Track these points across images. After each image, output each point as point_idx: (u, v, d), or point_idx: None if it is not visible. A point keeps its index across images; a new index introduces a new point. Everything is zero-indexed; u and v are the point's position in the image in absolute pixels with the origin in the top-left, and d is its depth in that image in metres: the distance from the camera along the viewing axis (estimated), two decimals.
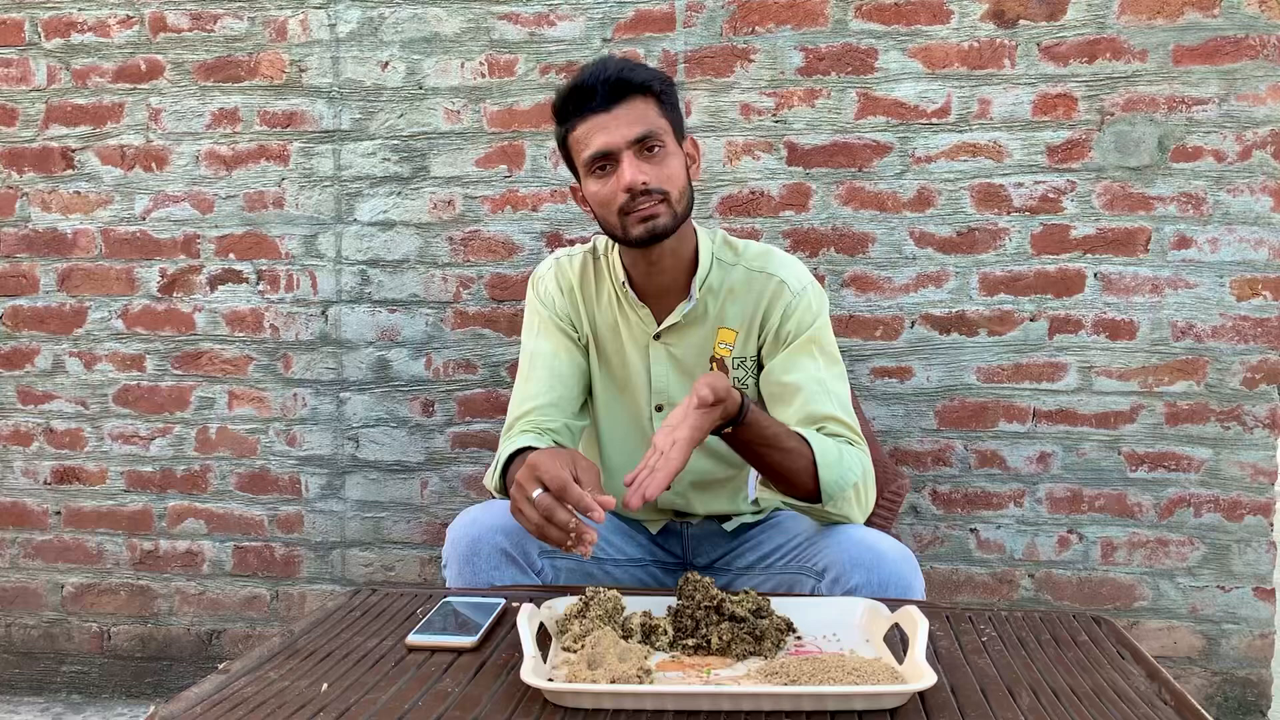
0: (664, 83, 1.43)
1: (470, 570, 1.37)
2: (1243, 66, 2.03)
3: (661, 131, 1.40)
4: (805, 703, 0.93)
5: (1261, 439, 2.10)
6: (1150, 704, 0.96)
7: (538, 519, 1.13)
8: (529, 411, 1.49)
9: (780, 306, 1.48)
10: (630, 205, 1.38)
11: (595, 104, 1.38)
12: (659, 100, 1.41)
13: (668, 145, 1.40)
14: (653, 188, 1.38)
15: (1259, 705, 2.13)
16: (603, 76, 1.38)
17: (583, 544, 1.12)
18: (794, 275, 1.52)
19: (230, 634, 2.38)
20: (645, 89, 1.40)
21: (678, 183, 1.41)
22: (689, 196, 1.45)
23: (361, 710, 0.94)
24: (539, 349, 1.54)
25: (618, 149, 1.38)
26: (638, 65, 1.43)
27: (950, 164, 2.11)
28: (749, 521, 1.60)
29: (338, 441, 2.31)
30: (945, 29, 2.09)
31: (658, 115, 1.40)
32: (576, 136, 1.41)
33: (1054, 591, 2.17)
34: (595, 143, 1.38)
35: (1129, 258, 2.10)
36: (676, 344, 1.52)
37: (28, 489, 2.40)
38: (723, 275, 1.51)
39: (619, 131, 1.37)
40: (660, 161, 1.39)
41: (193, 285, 2.32)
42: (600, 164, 1.39)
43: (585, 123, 1.39)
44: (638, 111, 1.38)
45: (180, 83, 2.28)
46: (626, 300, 1.52)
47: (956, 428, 2.16)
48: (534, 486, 1.14)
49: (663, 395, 1.53)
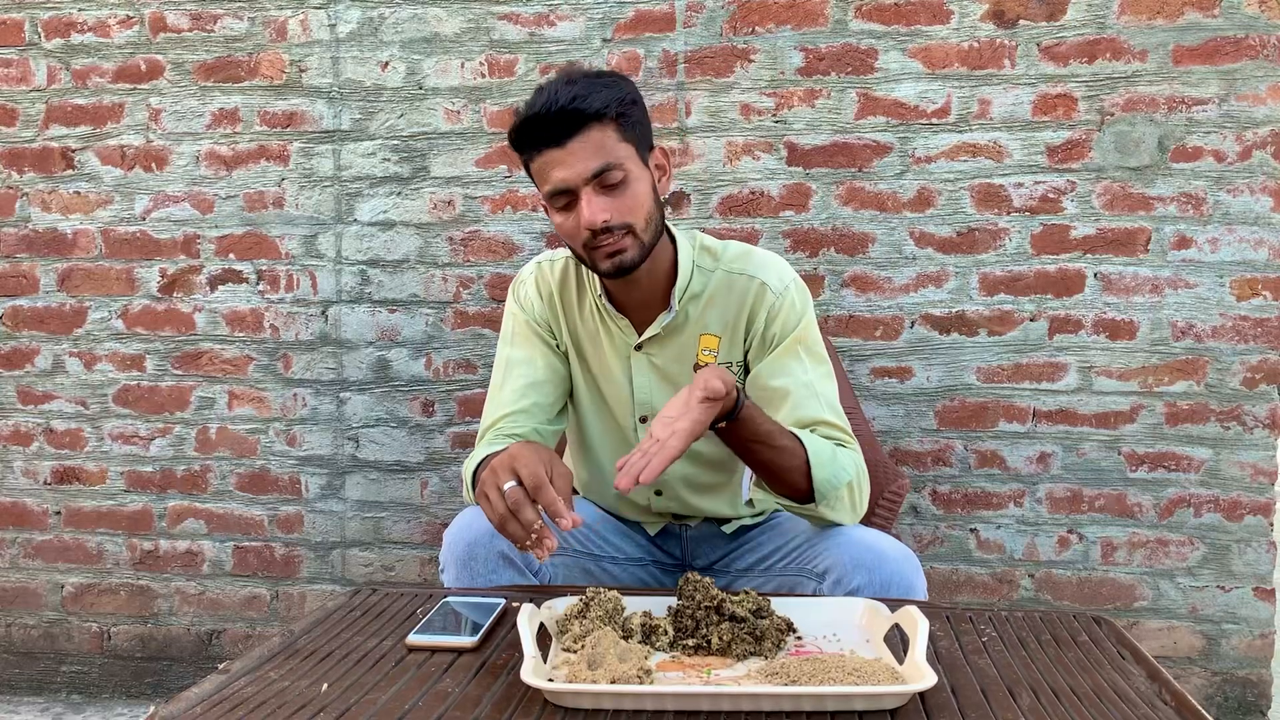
0: (623, 103, 1.34)
1: (468, 574, 1.36)
2: (1243, 66, 2.03)
3: (621, 160, 1.33)
4: (805, 703, 0.93)
5: (1261, 439, 2.10)
6: (1150, 704, 0.96)
7: (503, 510, 1.11)
8: (498, 420, 1.47)
9: (764, 309, 1.46)
10: (594, 242, 1.34)
11: (548, 138, 1.32)
12: (618, 123, 1.33)
13: (630, 172, 1.34)
14: (614, 224, 1.32)
15: (1259, 705, 2.13)
16: (554, 108, 1.30)
17: (541, 547, 1.10)
18: (775, 275, 1.48)
19: (230, 634, 2.38)
20: (600, 116, 1.31)
21: (642, 211, 1.35)
22: (657, 221, 1.39)
23: (361, 710, 0.94)
24: (513, 357, 1.52)
25: (575, 186, 1.32)
26: (593, 87, 1.33)
27: (950, 164, 2.11)
28: (748, 524, 1.60)
29: (338, 441, 2.31)
30: (945, 29, 2.09)
31: (617, 141, 1.33)
32: (535, 169, 1.37)
33: (1054, 591, 2.17)
34: (553, 179, 1.33)
35: (1129, 258, 2.10)
36: (658, 354, 1.49)
37: (28, 489, 2.40)
38: (703, 281, 1.48)
39: (575, 168, 1.31)
40: (622, 193, 1.33)
41: (193, 285, 2.32)
42: (561, 200, 1.34)
43: (541, 156, 1.33)
44: (594, 143, 1.31)
45: (180, 83, 2.28)
46: (606, 313, 1.49)
47: (956, 428, 2.16)
48: (508, 477, 1.12)
49: (646, 407, 1.51)
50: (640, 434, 1.52)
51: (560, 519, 1.10)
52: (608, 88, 1.34)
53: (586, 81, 1.34)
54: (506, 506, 1.11)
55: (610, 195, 1.33)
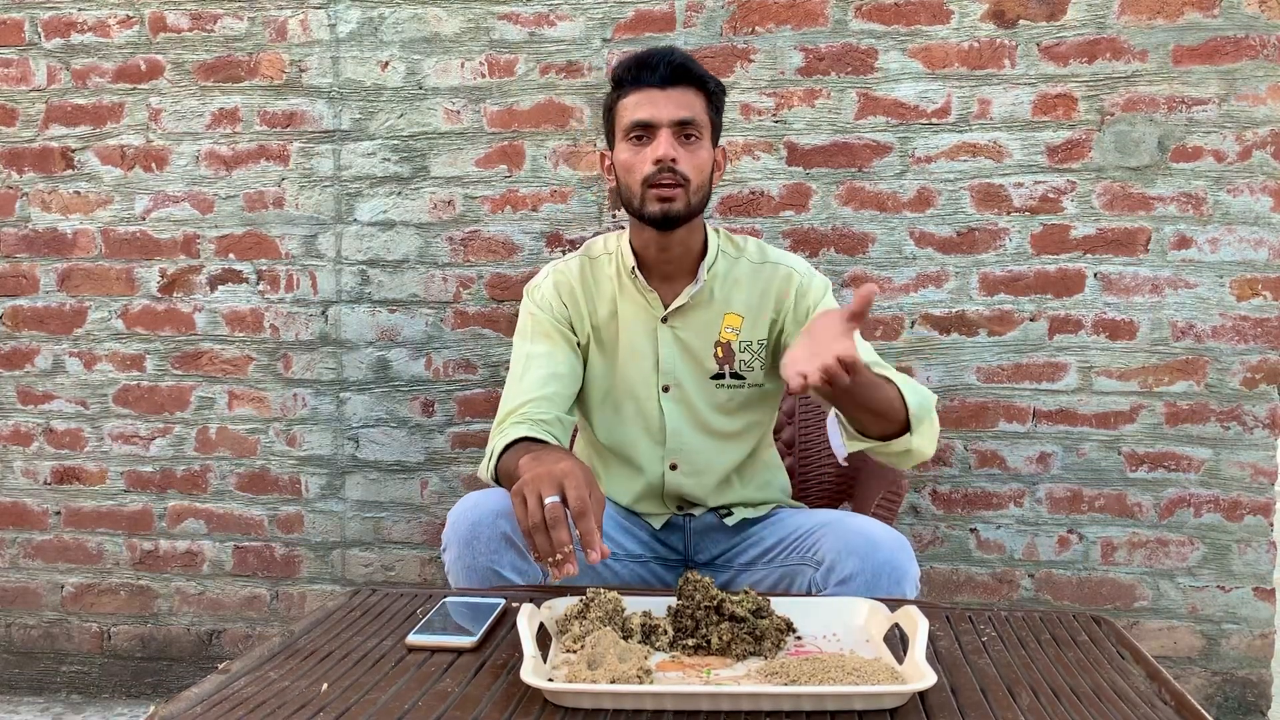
0: (719, 87, 1.52)
1: (470, 553, 1.36)
2: (1243, 66, 2.03)
3: (703, 125, 1.48)
4: (805, 703, 0.93)
5: (1261, 439, 2.10)
6: (1150, 704, 0.96)
7: (539, 520, 1.11)
8: (522, 405, 1.49)
9: (793, 289, 1.56)
10: (654, 178, 1.44)
11: (653, 79, 1.45)
12: (709, 99, 1.49)
13: (704, 139, 1.48)
14: (679, 169, 1.44)
15: (1259, 705, 2.13)
16: (668, 58, 1.46)
17: (561, 568, 1.10)
18: (797, 262, 1.60)
19: (230, 634, 2.38)
20: (701, 83, 1.48)
21: (701, 175, 1.48)
22: (706, 192, 1.51)
23: (361, 710, 0.94)
24: (534, 351, 1.56)
25: (660, 123, 1.45)
26: (701, 66, 1.50)
27: (950, 164, 2.11)
28: (750, 517, 1.61)
29: (338, 441, 2.31)
30: (945, 29, 2.09)
31: (704, 110, 1.48)
32: (625, 103, 1.48)
33: (1054, 591, 2.17)
34: (641, 111, 1.45)
35: (1129, 258, 2.10)
36: (683, 327, 1.56)
37: (28, 489, 2.40)
38: (728, 266, 1.57)
39: (666, 109, 1.45)
40: (694, 150, 1.46)
41: (193, 285, 2.32)
42: (639, 133, 1.46)
43: (639, 93, 1.46)
44: (689, 99, 1.46)
45: (180, 83, 2.28)
46: (635, 284, 1.56)
47: (956, 428, 2.16)
48: (553, 490, 1.12)
49: (670, 376, 1.57)
50: (664, 403, 1.57)
51: (591, 551, 1.10)
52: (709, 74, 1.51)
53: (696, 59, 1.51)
54: (543, 518, 1.11)
55: (685, 146, 1.46)
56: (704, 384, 1.57)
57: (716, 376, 1.57)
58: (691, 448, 1.58)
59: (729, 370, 1.57)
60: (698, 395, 1.57)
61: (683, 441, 1.58)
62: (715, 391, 1.57)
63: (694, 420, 1.58)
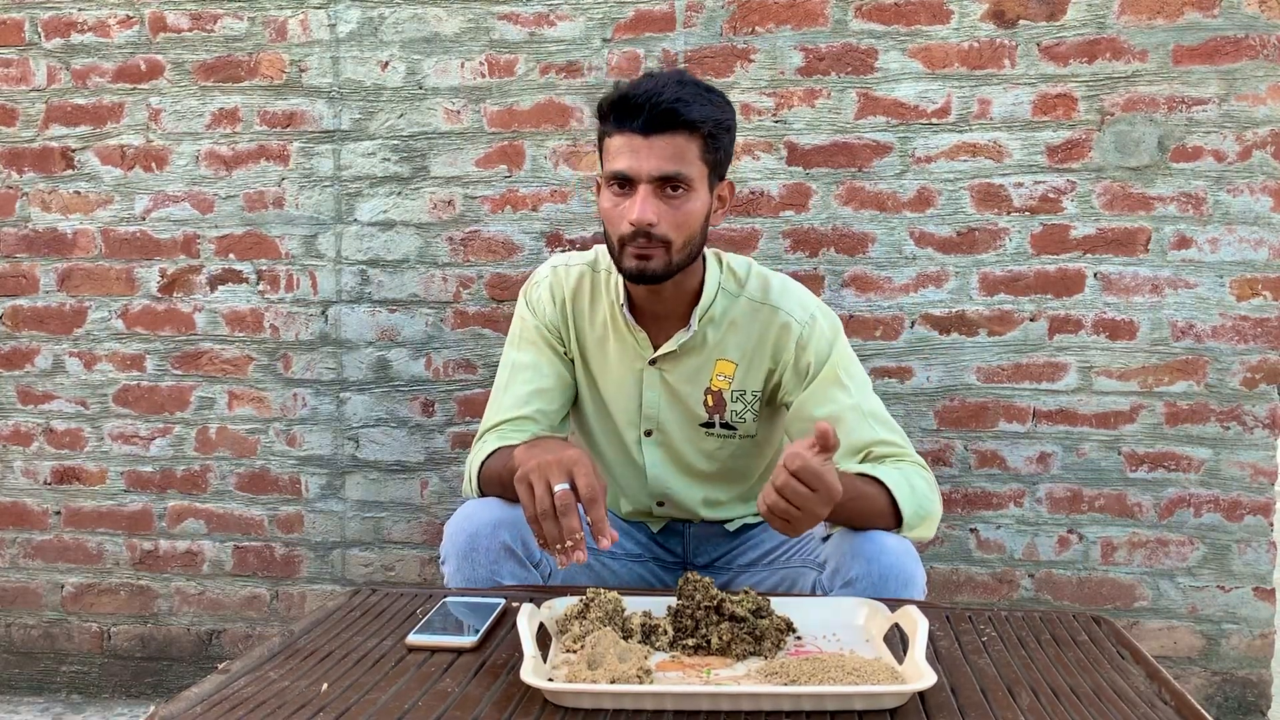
0: (718, 126, 1.36)
1: (470, 565, 1.35)
2: (1243, 66, 2.03)
3: (691, 176, 1.34)
4: (805, 703, 0.93)
5: (1261, 439, 2.10)
6: (1150, 704, 0.96)
7: (548, 508, 1.11)
8: (501, 423, 1.47)
9: (791, 341, 1.46)
10: (629, 239, 1.34)
11: (636, 124, 1.32)
12: (706, 142, 1.35)
13: (694, 190, 1.35)
14: (655, 234, 1.33)
15: (1259, 705, 2.13)
16: (654, 99, 1.31)
17: (570, 556, 1.11)
18: (797, 304, 1.48)
19: (230, 634, 2.38)
20: (693, 127, 1.33)
21: (687, 230, 1.36)
22: (696, 244, 1.39)
23: (361, 710, 0.94)
24: (520, 361, 1.51)
25: (639, 178, 1.33)
26: (700, 98, 1.34)
27: (950, 164, 2.11)
28: (751, 522, 1.60)
29: (338, 441, 2.31)
30: (945, 29, 2.09)
31: (697, 156, 1.34)
32: (609, 145, 1.37)
33: (1054, 591, 2.17)
34: (620, 162, 1.34)
35: (1129, 258, 2.10)
36: (671, 371, 1.49)
37: (28, 489, 2.40)
38: (726, 305, 1.47)
39: (648, 161, 1.32)
40: (678, 205, 1.34)
41: (193, 285, 2.32)
42: (619, 183, 1.35)
43: (621, 136, 1.34)
44: (675, 148, 1.32)
45: (180, 83, 2.28)
46: (624, 322, 1.48)
47: (956, 428, 2.16)
48: (562, 478, 1.12)
49: (652, 421, 1.51)
50: (644, 448, 1.52)
51: (601, 538, 1.10)
52: (712, 105, 1.35)
53: (696, 90, 1.34)
54: (552, 505, 1.10)
55: (666, 203, 1.34)
56: (692, 431, 1.50)
57: (706, 425, 1.50)
58: (675, 489, 1.54)
59: (719, 420, 1.49)
60: (684, 442, 1.51)
61: (667, 485, 1.54)
62: (704, 439, 1.51)
63: (679, 464, 1.53)
